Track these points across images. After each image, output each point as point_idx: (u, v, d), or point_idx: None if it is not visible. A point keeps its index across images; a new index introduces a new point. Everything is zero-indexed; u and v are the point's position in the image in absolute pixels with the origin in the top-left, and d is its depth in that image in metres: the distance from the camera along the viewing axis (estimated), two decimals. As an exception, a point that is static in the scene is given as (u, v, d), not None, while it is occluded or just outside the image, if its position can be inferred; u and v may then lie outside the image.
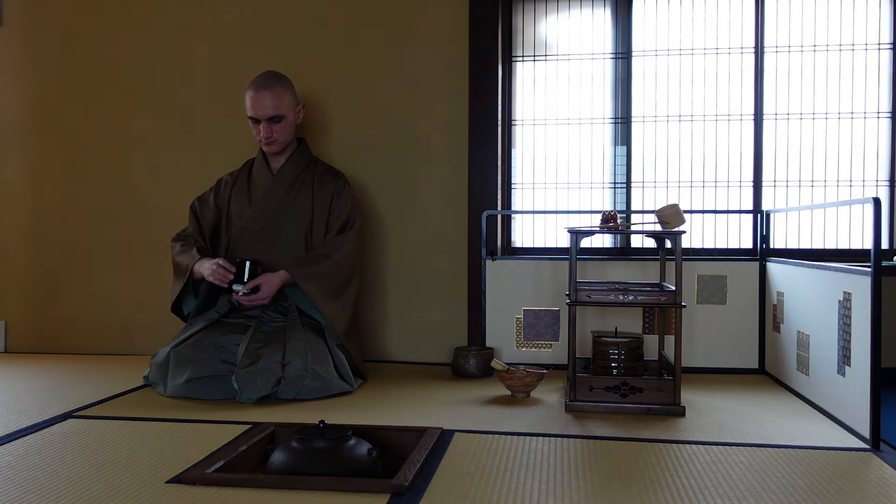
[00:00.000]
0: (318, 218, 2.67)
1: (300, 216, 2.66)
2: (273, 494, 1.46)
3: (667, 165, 2.99)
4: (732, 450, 1.78)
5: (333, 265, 2.54)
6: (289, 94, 2.66)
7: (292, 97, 2.68)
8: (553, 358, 2.84)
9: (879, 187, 2.89)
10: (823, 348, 2.15)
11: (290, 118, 2.67)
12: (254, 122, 2.64)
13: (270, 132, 2.62)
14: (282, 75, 2.69)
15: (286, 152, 2.73)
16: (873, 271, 1.80)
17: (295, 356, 2.30)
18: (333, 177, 2.73)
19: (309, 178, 2.72)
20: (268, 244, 2.62)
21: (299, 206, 2.67)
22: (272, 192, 2.67)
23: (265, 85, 2.61)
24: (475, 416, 2.10)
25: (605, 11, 3.03)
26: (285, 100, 2.63)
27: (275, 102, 2.60)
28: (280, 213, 2.66)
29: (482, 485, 1.53)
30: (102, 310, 3.18)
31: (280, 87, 2.63)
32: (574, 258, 2.21)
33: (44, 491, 1.49)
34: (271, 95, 2.60)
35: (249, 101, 2.62)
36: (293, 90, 2.69)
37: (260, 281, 2.43)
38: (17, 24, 3.22)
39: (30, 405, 2.23)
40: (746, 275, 2.78)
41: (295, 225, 2.66)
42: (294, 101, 2.69)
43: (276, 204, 2.67)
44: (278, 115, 2.61)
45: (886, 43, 2.86)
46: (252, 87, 2.63)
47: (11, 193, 3.25)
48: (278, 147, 2.67)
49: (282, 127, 2.64)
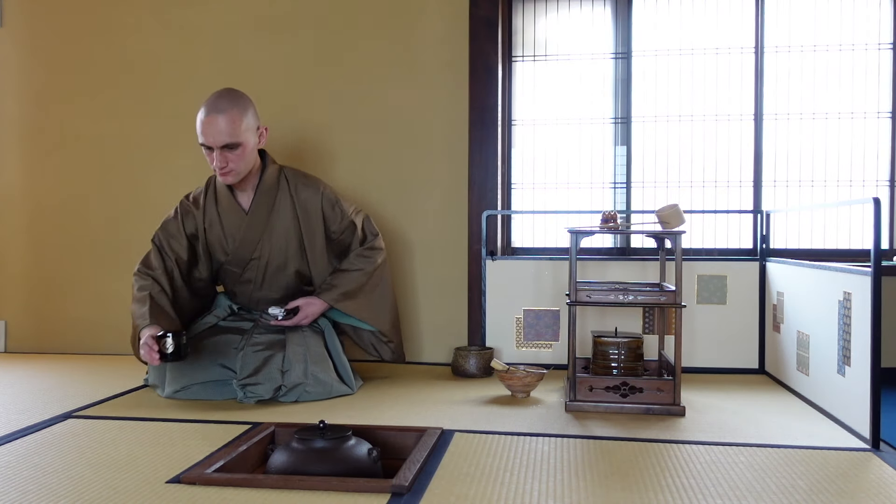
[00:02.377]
0: (312, 236, 2.45)
1: (287, 244, 2.44)
2: (273, 494, 1.46)
3: (667, 165, 2.99)
4: (732, 450, 1.78)
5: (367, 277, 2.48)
6: (247, 116, 2.29)
7: (252, 119, 2.31)
8: (553, 358, 2.84)
9: (879, 187, 2.89)
10: (823, 348, 2.15)
11: (250, 144, 2.30)
12: (206, 149, 2.28)
13: (225, 161, 2.26)
14: (239, 94, 2.32)
15: (250, 179, 2.39)
16: (873, 271, 1.80)
17: (294, 363, 2.29)
18: (314, 192, 2.45)
19: (286, 199, 2.43)
20: (259, 277, 2.47)
21: (284, 234, 2.43)
22: (249, 232, 2.40)
23: (218, 107, 2.24)
24: (475, 416, 2.10)
25: (606, 11, 3.03)
26: (241, 124, 2.26)
27: (230, 128, 2.23)
28: (264, 247, 2.42)
29: (482, 485, 1.53)
30: (102, 310, 3.18)
31: (236, 110, 2.25)
32: (574, 258, 2.21)
33: (44, 491, 1.49)
34: (225, 119, 2.23)
35: (199, 125, 2.25)
36: (253, 110, 2.34)
37: (299, 303, 2.39)
38: (17, 24, 3.22)
39: (30, 405, 2.23)
40: (746, 275, 2.78)
41: (284, 253, 2.44)
42: (254, 124, 2.33)
43: (258, 241, 2.42)
44: (234, 143, 2.25)
45: (886, 43, 2.86)
46: (203, 108, 2.26)
47: (11, 193, 3.25)
48: (235, 178, 2.32)
49: (238, 155, 2.27)
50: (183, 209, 2.45)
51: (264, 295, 2.49)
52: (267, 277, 2.47)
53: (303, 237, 2.44)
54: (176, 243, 2.42)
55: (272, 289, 2.49)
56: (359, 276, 2.47)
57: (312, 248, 2.46)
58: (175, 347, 1.99)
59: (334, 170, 3.03)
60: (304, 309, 2.39)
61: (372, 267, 2.49)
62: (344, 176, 3.02)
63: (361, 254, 2.50)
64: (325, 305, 2.42)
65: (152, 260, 2.39)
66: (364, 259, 2.50)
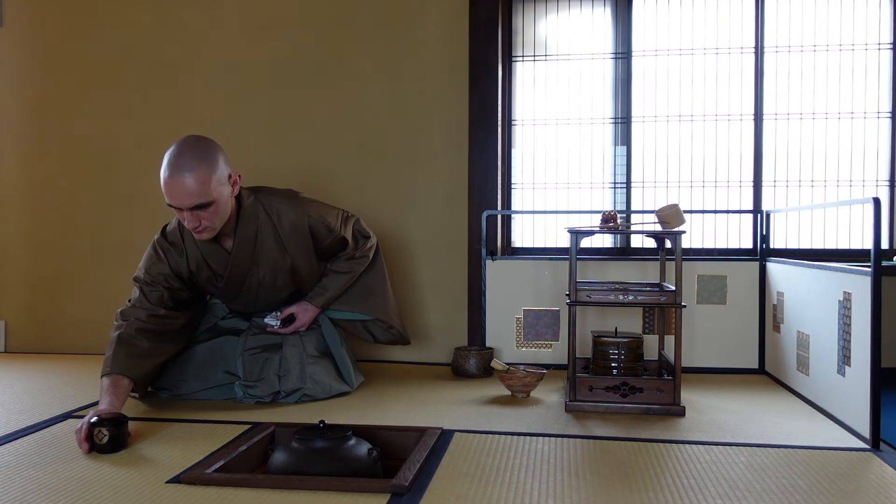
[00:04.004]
0: (300, 258, 2.33)
1: (278, 270, 2.32)
2: (273, 494, 1.46)
3: (667, 165, 2.99)
4: (732, 450, 1.78)
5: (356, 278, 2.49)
6: (218, 169, 2.02)
7: (223, 170, 2.05)
8: (553, 358, 2.84)
9: (879, 187, 2.89)
10: (823, 348, 2.15)
11: (223, 198, 2.06)
12: (175, 208, 2.03)
13: (198, 221, 2.04)
14: (205, 145, 2.03)
15: (228, 224, 2.17)
16: (873, 271, 1.80)
17: (291, 365, 2.29)
18: (297, 215, 2.29)
19: (269, 233, 2.27)
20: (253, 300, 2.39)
21: (271, 265, 2.30)
22: (236, 272, 2.26)
23: (183, 165, 1.96)
24: (475, 416, 2.10)
25: (605, 11, 3.03)
26: (212, 180, 1.99)
27: (199, 188, 1.97)
28: (253, 281, 2.31)
29: (482, 485, 1.53)
30: (102, 310, 3.18)
31: (205, 167, 1.98)
32: (574, 258, 2.21)
33: (44, 490, 1.49)
34: (193, 179, 1.96)
35: (164, 185, 1.98)
36: (224, 159, 2.07)
37: (294, 311, 2.38)
38: (18, 24, 3.22)
39: (30, 405, 2.23)
40: (746, 275, 2.78)
41: (276, 279, 2.33)
42: (225, 174, 2.06)
43: (246, 277, 2.30)
44: (205, 203, 2.00)
45: (886, 43, 2.86)
46: (166, 166, 1.98)
47: (11, 194, 3.25)
48: (211, 234, 2.11)
49: (212, 213, 2.04)
50: (164, 250, 2.23)
51: (260, 310, 2.48)
52: (260, 300, 2.42)
53: (292, 262, 2.32)
54: (165, 283, 2.20)
55: (267, 305, 2.45)
56: (349, 278, 2.47)
57: (303, 269, 2.37)
58: (110, 438, 1.74)
59: (334, 171, 3.03)
60: (300, 317, 2.38)
61: (362, 269, 2.50)
62: (344, 176, 3.02)
63: (352, 257, 2.48)
64: (318, 310, 2.43)
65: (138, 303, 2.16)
66: (355, 262, 2.48)
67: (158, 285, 2.19)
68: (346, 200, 2.94)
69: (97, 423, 1.74)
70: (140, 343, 2.09)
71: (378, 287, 2.55)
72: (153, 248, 2.25)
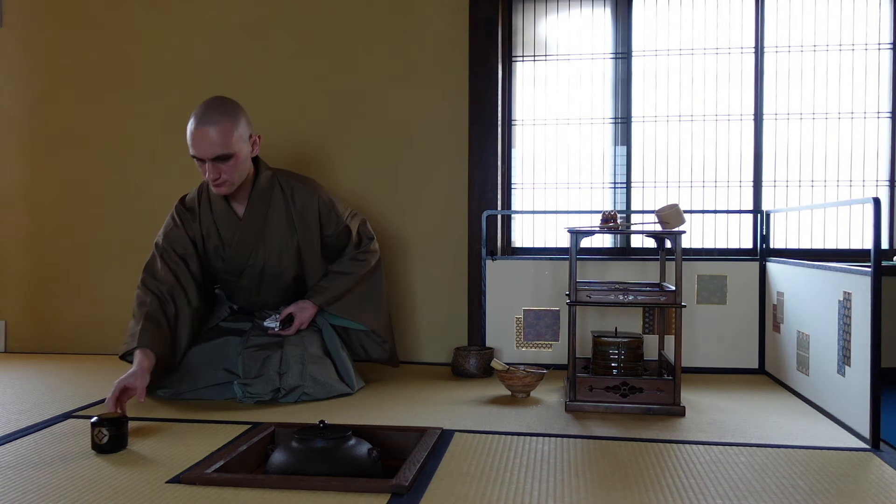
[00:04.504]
0: (307, 239, 2.42)
1: (284, 247, 2.41)
2: (273, 494, 1.46)
3: (667, 165, 2.99)
4: (732, 450, 1.78)
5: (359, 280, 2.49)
6: (239, 125, 2.23)
7: (244, 128, 2.25)
8: (553, 358, 2.84)
9: (879, 187, 2.89)
10: (823, 348, 2.15)
11: (242, 154, 2.24)
12: (198, 160, 2.22)
13: (218, 173, 2.22)
14: (230, 103, 2.26)
15: (244, 188, 2.35)
16: (873, 271, 1.80)
17: (291, 364, 2.29)
18: (309, 194, 2.42)
19: (280, 204, 2.39)
20: (257, 284, 2.45)
21: (279, 238, 2.40)
22: (244, 241, 2.37)
23: (208, 118, 2.18)
24: (475, 416, 2.10)
25: (605, 11, 3.03)
26: (234, 134, 2.19)
27: (221, 139, 2.17)
28: (260, 252, 2.40)
29: (482, 485, 1.53)
30: (102, 310, 3.18)
31: (228, 121, 2.19)
32: (574, 258, 2.21)
33: (44, 491, 1.49)
34: (216, 131, 2.17)
35: (189, 137, 2.19)
36: (245, 119, 2.28)
37: (292, 310, 2.39)
38: (18, 24, 3.22)
39: (30, 405, 2.23)
40: (746, 275, 2.78)
41: (280, 256, 2.41)
42: (246, 133, 2.26)
43: (252, 250, 2.39)
44: (226, 154, 2.19)
45: (886, 43, 2.86)
46: (193, 119, 2.20)
47: (12, 193, 3.25)
48: (229, 189, 2.27)
49: (231, 166, 2.22)
50: (181, 216, 2.39)
51: (262, 300, 2.50)
52: (264, 284, 2.45)
53: (299, 242, 2.41)
54: (181, 249, 2.36)
55: (269, 295, 2.48)
56: (350, 279, 2.46)
57: (308, 253, 2.44)
58: (110, 438, 1.75)
59: (334, 170, 3.03)
60: (299, 316, 2.39)
61: (364, 270, 2.49)
62: (344, 176, 3.02)
63: (355, 257, 2.49)
64: (316, 309, 2.43)
65: (158, 270, 2.31)
66: (357, 263, 2.49)
67: (172, 252, 2.34)
68: (346, 200, 2.94)
69: (97, 423, 1.74)
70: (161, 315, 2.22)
71: (376, 299, 2.54)
72: (171, 215, 2.42)
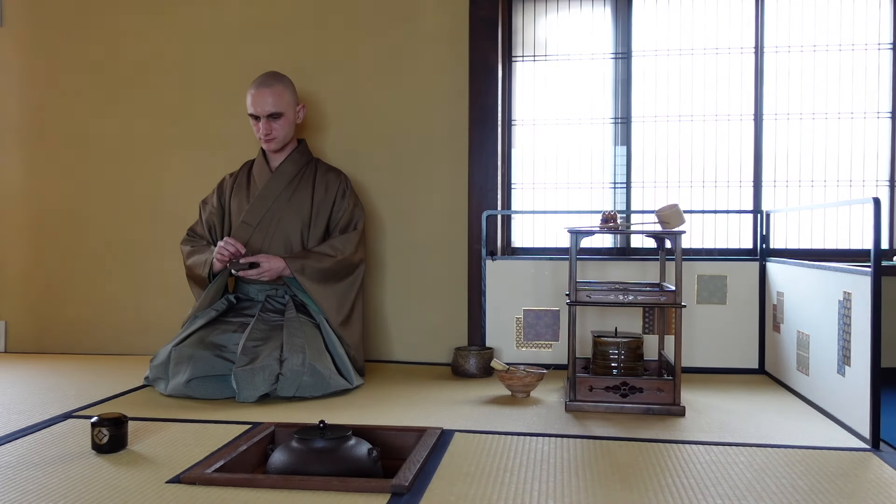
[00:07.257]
0: (318, 215, 2.69)
1: (298, 212, 2.67)
2: (273, 494, 1.46)
3: (667, 165, 2.99)
4: (732, 450, 1.78)
5: (335, 264, 2.58)
6: (289, 92, 2.69)
7: (292, 96, 2.71)
8: (553, 358, 2.84)
9: (879, 187, 2.89)
10: (823, 348, 2.15)
11: (290, 116, 2.70)
12: (254, 119, 2.67)
13: (270, 129, 2.66)
14: (283, 75, 2.73)
15: (286, 150, 2.75)
16: (873, 271, 1.80)
17: (293, 352, 2.31)
18: (336, 176, 2.75)
19: (309, 175, 2.74)
20: (264, 238, 2.64)
21: (297, 203, 2.68)
22: (270, 188, 2.69)
23: (266, 83, 2.66)
24: (475, 416, 2.10)
25: (605, 11, 3.03)
26: (285, 98, 2.67)
27: (275, 99, 2.64)
28: (277, 208, 2.67)
29: (482, 485, 1.53)
30: (102, 310, 3.18)
31: (281, 86, 2.67)
32: (574, 258, 2.21)
33: (44, 491, 1.49)
34: (271, 92, 2.64)
35: (250, 98, 2.66)
36: (294, 90, 2.73)
37: (260, 259, 2.49)
38: (18, 24, 3.22)
39: (30, 405, 2.23)
40: (746, 275, 2.78)
41: (292, 220, 2.66)
42: (294, 101, 2.73)
43: (274, 199, 2.68)
44: (277, 112, 2.65)
45: (886, 43, 2.86)
46: (253, 85, 2.68)
47: (12, 194, 3.25)
48: (277, 145, 2.70)
49: (281, 124, 2.67)
50: (221, 181, 2.82)
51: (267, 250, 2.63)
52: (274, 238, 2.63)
53: (310, 212, 2.68)
54: (210, 208, 2.77)
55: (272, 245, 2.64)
56: (327, 260, 2.57)
57: (315, 226, 2.68)
58: (110, 438, 1.76)
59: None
60: (265, 264, 2.49)
61: (341, 256, 2.59)
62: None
63: (336, 239, 2.63)
64: (284, 268, 2.51)
65: (197, 225, 2.81)
66: (336, 248, 2.60)
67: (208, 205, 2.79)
68: (346, 200, 2.95)
69: (97, 423, 1.75)
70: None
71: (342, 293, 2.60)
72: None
